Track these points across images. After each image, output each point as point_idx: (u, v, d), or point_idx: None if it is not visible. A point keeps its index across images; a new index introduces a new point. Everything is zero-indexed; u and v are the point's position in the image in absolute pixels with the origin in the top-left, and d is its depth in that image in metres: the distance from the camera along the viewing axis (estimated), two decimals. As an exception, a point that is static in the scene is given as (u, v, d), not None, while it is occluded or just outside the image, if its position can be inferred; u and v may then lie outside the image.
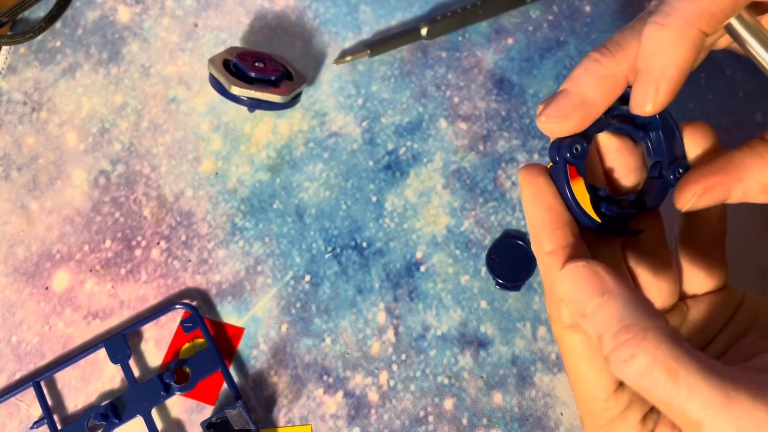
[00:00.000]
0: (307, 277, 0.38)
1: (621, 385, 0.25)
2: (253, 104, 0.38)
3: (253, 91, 0.37)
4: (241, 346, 0.37)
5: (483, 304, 0.38)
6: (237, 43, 0.43)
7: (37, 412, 0.36)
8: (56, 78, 0.43)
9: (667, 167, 0.28)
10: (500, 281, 0.38)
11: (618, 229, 0.27)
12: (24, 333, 0.38)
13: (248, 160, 0.41)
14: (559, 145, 0.26)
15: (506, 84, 0.42)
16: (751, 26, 0.25)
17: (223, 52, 0.39)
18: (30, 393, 0.36)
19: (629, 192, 0.29)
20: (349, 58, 0.42)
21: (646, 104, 0.25)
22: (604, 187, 0.27)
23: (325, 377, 0.36)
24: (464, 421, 0.36)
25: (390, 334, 0.37)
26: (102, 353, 0.37)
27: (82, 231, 0.40)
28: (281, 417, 0.36)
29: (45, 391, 0.36)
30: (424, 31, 0.42)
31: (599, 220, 0.26)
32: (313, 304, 0.38)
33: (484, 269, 0.38)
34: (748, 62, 0.41)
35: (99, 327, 0.38)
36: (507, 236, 0.39)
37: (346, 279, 0.38)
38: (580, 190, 0.26)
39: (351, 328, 0.37)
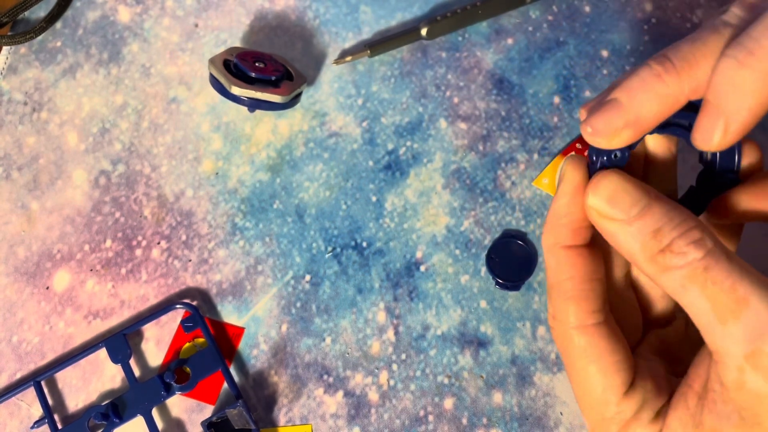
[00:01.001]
0: (308, 277, 0.38)
1: (632, 385, 0.25)
2: (254, 104, 0.38)
3: (253, 92, 0.38)
4: (242, 345, 0.37)
5: (483, 303, 0.38)
6: (237, 43, 0.43)
7: (37, 411, 0.36)
8: (57, 78, 0.43)
9: (714, 177, 0.26)
10: (500, 281, 0.38)
11: None
12: (25, 333, 0.38)
13: (248, 160, 0.41)
14: (599, 149, 0.25)
15: (506, 84, 0.42)
16: None
17: (223, 52, 0.39)
18: (30, 392, 0.37)
19: (667, 194, 0.27)
20: (349, 58, 0.42)
21: (711, 142, 0.23)
22: None
23: (325, 377, 0.36)
24: (464, 421, 0.36)
25: (390, 334, 0.37)
26: (102, 353, 0.37)
27: (83, 231, 0.40)
28: (281, 416, 0.36)
29: (45, 390, 0.36)
30: (424, 31, 0.42)
31: None
32: (314, 303, 0.38)
33: (483, 269, 0.38)
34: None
35: (99, 327, 0.38)
36: (507, 236, 0.39)
37: (346, 279, 0.38)
38: None
39: (351, 327, 0.37)
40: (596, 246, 0.27)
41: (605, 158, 0.25)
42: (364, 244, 0.39)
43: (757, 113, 0.22)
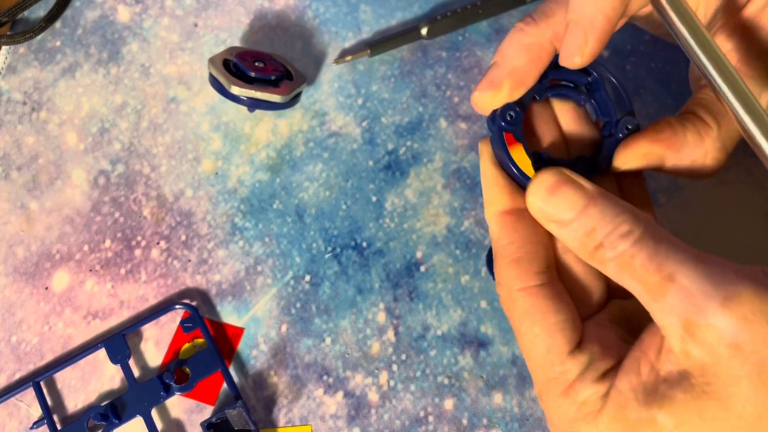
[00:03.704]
0: (307, 277, 0.38)
1: (578, 347, 0.25)
2: (253, 104, 0.38)
3: (253, 91, 0.37)
4: (241, 346, 0.37)
5: (483, 304, 0.38)
6: (237, 43, 0.43)
7: (36, 412, 0.36)
8: (56, 78, 0.43)
9: (615, 125, 0.28)
10: (500, 281, 0.38)
11: None
12: (24, 333, 0.38)
13: (248, 160, 0.41)
14: (494, 114, 0.28)
15: (506, 84, 0.42)
16: None
17: (223, 52, 0.39)
18: (30, 393, 0.36)
19: (583, 154, 0.29)
20: (349, 57, 0.42)
21: (574, 55, 0.25)
22: (546, 152, 0.28)
23: (325, 377, 0.36)
24: (464, 422, 0.35)
25: (390, 334, 0.37)
26: (102, 353, 0.37)
27: (82, 231, 0.40)
28: (281, 417, 0.36)
29: (45, 391, 0.36)
30: (424, 31, 0.42)
31: None
32: (313, 304, 0.38)
33: (484, 269, 0.38)
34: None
35: (99, 327, 0.38)
36: (507, 236, 0.39)
37: (346, 279, 0.38)
38: (519, 156, 0.27)
39: (351, 328, 0.37)
40: None
41: (502, 122, 0.27)
42: (364, 245, 0.39)
43: (611, 18, 0.25)
